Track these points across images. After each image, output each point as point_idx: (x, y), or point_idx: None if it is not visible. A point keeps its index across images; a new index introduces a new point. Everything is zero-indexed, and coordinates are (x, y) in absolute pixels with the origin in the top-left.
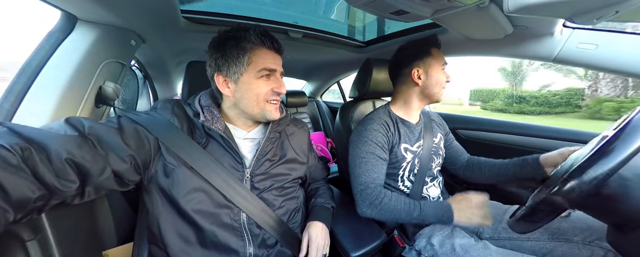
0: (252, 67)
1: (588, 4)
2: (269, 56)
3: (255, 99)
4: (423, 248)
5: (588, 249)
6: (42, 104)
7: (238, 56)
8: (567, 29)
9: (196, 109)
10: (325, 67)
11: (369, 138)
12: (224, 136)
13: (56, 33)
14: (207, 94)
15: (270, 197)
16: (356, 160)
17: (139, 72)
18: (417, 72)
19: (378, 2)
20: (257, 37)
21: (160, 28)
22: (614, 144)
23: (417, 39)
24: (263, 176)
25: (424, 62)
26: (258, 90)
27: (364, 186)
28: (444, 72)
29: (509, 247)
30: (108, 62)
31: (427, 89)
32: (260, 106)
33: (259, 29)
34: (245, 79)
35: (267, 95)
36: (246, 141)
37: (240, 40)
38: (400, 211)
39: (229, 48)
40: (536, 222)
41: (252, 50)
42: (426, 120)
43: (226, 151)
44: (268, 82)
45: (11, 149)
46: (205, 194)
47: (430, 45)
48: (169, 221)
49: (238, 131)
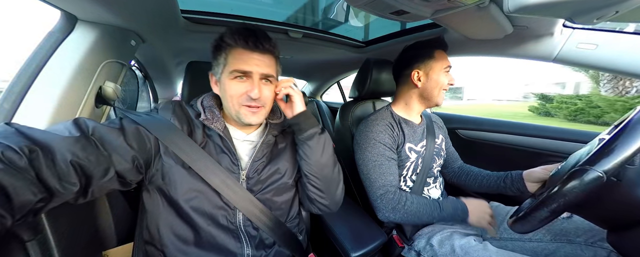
0: (227, 68)
1: (588, 4)
2: (244, 56)
3: (230, 101)
4: (423, 248)
5: (591, 250)
6: (42, 104)
7: (218, 56)
8: (567, 29)
9: (198, 109)
10: (325, 67)
11: (377, 140)
12: (223, 136)
13: (56, 33)
14: (211, 95)
15: (267, 198)
16: (369, 164)
17: (139, 72)
18: (417, 74)
19: (378, 2)
20: (232, 35)
21: (160, 28)
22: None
23: (423, 40)
24: (258, 178)
25: (425, 64)
26: (231, 92)
27: (383, 190)
28: (448, 75)
29: (510, 248)
30: (108, 62)
31: (426, 92)
32: (235, 109)
33: (236, 27)
34: (223, 80)
35: (240, 99)
36: (245, 143)
37: (220, 39)
38: (422, 213)
39: (215, 47)
40: (536, 223)
41: (228, 50)
42: (428, 121)
43: (224, 152)
44: (243, 85)
45: (19, 151)
46: (203, 194)
47: (434, 47)
48: (168, 221)
49: (237, 132)
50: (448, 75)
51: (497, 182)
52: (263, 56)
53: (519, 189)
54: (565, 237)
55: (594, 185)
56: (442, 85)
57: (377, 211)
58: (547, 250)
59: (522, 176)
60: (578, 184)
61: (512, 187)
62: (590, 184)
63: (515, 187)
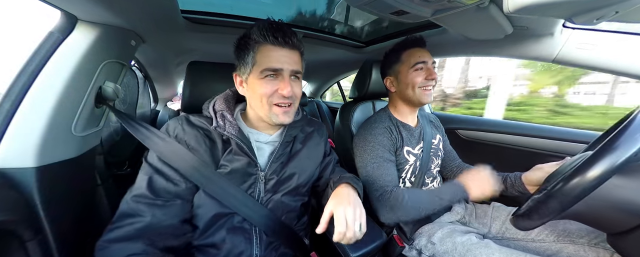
0: (256, 67)
1: (588, 4)
2: (274, 54)
3: (260, 101)
4: (423, 247)
5: (594, 251)
6: (42, 104)
7: (245, 55)
8: (567, 30)
9: (210, 114)
10: (325, 67)
11: (376, 142)
12: (238, 141)
13: (56, 33)
14: (222, 98)
15: (282, 199)
16: (368, 166)
17: (139, 72)
18: (389, 81)
19: (378, 2)
20: (260, 32)
21: (160, 28)
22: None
23: (392, 47)
24: (277, 179)
25: (393, 70)
26: (262, 91)
27: (381, 191)
28: (420, 72)
29: (513, 247)
30: (108, 63)
31: (402, 94)
32: (265, 109)
33: (264, 23)
34: (251, 80)
35: (272, 98)
36: (268, 145)
37: (246, 37)
38: (420, 208)
39: (240, 46)
40: (539, 220)
41: (256, 48)
42: (425, 122)
43: (240, 155)
44: (274, 83)
45: None
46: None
47: (400, 51)
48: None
49: (261, 135)
50: (420, 72)
51: None
52: (291, 52)
53: (519, 190)
54: (569, 237)
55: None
56: (415, 84)
57: (378, 213)
58: (549, 251)
59: (521, 179)
60: (581, 181)
61: (511, 189)
62: (594, 180)
63: (515, 189)
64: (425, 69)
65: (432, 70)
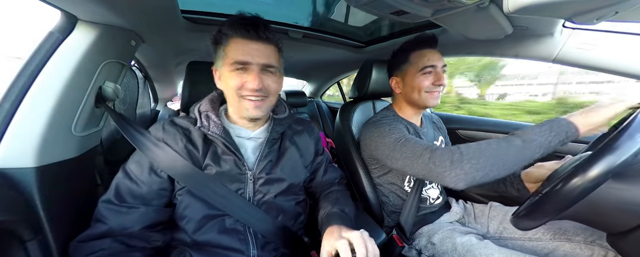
0: (227, 60)
1: (588, 4)
2: (243, 47)
3: (230, 94)
4: (423, 247)
5: (589, 248)
6: (42, 104)
7: (218, 49)
8: (567, 30)
9: (195, 116)
10: (325, 67)
11: (392, 126)
12: (223, 140)
13: (56, 33)
14: (208, 99)
15: (276, 200)
16: (396, 147)
17: (139, 72)
18: (394, 82)
19: (378, 2)
20: (230, 25)
21: (160, 28)
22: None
23: (401, 46)
24: (266, 178)
25: (401, 71)
26: (232, 84)
27: (428, 153)
28: (428, 76)
29: (511, 247)
30: (108, 63)
31: (407, 96)
32: (236, 102)
33: (236, 17)
34: (223, 73)
35: (240, 91)
36: (250, 141)
37: (219, 32)
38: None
39: (215, 41)
40: (539, 219)
41: (227, 42)
42: (427, 123)
43: (227, 154)
44: (243, 76)
45: None
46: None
47: (409, 51)
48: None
49: (243, 130)
50: (429, 76)
51: (497, 183)
52: (263, 46)
53: (519, 189)
54: (565, 236)
55: (598, 181)
56: (421, 88)
57: (441, 179)
58: (546, 249)
59: (520, 177)
60: (582, 180)
61: (511, 188)
62: (594, 180)
63: (514, 188)
64: (434, 74)
65: (441, 75)
